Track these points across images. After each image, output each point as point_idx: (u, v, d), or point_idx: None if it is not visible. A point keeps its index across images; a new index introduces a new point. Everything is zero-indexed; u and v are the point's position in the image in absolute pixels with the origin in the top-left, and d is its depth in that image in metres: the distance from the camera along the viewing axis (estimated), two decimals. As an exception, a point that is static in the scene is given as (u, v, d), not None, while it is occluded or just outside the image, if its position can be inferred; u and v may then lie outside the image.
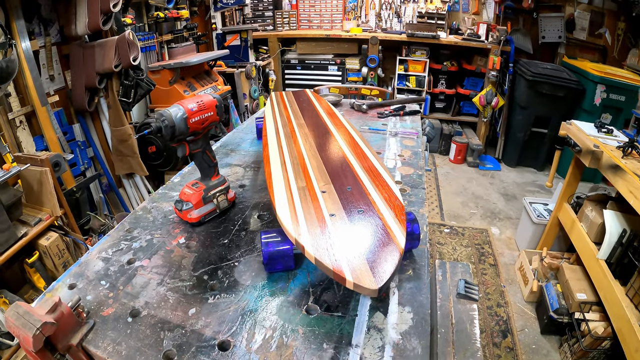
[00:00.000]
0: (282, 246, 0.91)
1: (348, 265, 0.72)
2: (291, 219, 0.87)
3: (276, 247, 0.90)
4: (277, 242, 0.91)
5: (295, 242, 0.81)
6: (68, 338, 0.76)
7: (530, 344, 2.47)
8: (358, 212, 0.88)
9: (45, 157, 2.13)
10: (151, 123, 0.99)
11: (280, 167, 1.10)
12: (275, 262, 0.92)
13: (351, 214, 0.88)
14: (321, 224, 0.85)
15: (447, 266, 0.90)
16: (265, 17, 5.88)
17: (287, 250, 0.90)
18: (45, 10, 2.64)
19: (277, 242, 0.91)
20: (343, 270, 0.71)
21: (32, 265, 2.08)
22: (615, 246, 2.16)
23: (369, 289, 0.67)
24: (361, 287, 0.68)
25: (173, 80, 3.52)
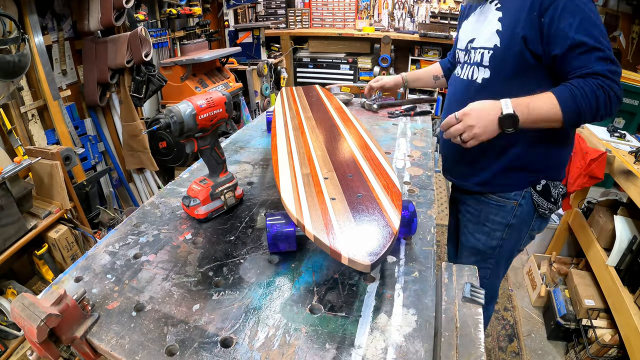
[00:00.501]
0: (286, 228, 0.94)
1: (344, 243, 0.76)
2: (294, 201, 0.92)
3: (280, 228, 0.94)
4: (282, 224, 0.95)
5: (297, 222, 0.86)
6: (72, 330, 0.76)
7: (536, 349, 2.45)
8: (357, 197, 0.93)
9: (56, 151, 2.15)
10: (160, 119, 0.99)
11: (286, 156, 1.15)
12: (279, 242, 0.95)
13: (351, 198, 0.93)
14: (322, 206, 0.90)
15: (453, 269, 0.89)
16: (278, 15, 5.89)
17: (290, 232, 0.94)
18: (59, 5, 2.66)
19: (281, 224, 0.95)
20: (339, 248, 0.75)
21: (41, 257, 2.10)
22: (625, 253, 2.13)
23: (362, 265, 0.72)
24: (355, 263, 0.73)
25: (185, 77, 3.54)
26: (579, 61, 1.17)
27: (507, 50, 1.29)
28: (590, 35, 1.15)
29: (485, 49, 1.35)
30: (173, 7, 3.64)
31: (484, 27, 1.37)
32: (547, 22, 1.19)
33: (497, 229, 1.52)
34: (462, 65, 1.51)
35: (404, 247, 1.00)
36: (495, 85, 1.36)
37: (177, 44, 3.86)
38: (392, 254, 0.98)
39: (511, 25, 1.27)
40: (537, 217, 1.49)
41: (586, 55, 1.16)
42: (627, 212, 2.30)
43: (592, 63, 1.15)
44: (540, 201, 1.44)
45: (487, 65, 1.36)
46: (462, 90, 1.48)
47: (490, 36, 1.33)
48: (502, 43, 1.30)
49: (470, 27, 1.48)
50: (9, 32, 2.14)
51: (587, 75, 1.16)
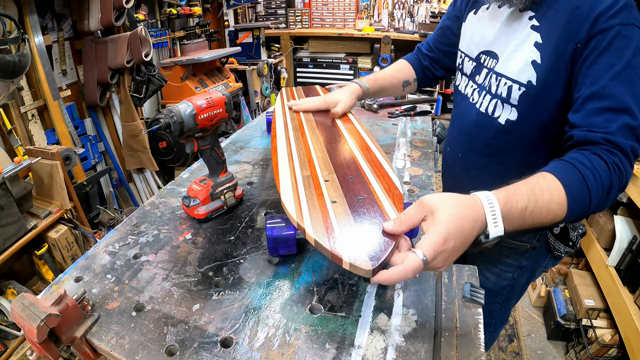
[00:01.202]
0: (286, 231, 0.93)
1: (346, 247, 0.74)
2: (294, 204, 0.89)
3: (280, 232, 0.93)
4: (281, 227, 0.94)
5: (298, 225, 0.83)
6: (72, 330, 0.76)
7: (536, 349, 2.45)
8: (358, 200, 0.90)
9: (56, 151, 2.15)
10: (160, 119, 0.99)
11: (286, 157, 1.13)
12: (279, 246, 0.94)
13: (352, 201, 0.90)
14: (322, 209, 0.87)
15: (453, 269, 0.89)
16: (278, 15, 5.89)
17: (290, 235, 0.93)
18: (59, 5, 2.66)
19: (281, 227, 0.94)
20: (340, 252, 0.73)
21: (41, 257, 2.10)
22: (625, 253, 2.13)
23: (363, 270, 0.70)
24: (357, 268, 0.70)
25: (185, 77, 3.54)
26: (599, 119, 0.88)
27: (546, 93, 1.01)
28: (631, 91, 0.87)
29: (515, 82, 1.06)
30: (173, 7, 3.64)
31: (513, 48, 1.07)
32: (583, 56, 0.92)
33: (508, 271, 1.35)
34: (473, 85, 1.24)
35: (404, 247, 1.00)
36: (524, 131, 1.10)
37: (177, 44, 3.86)
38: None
39: (554, 58, 0.97)
40: (552, 257, 1.31)
41: (612, 115, 0.87)
42: (627, 212, 2.30)
43: (616, 130, 0.86)
44: (556, 244, 1.24)
45: (515, 104, 1.08)
46: (477, 126, 1.21)
47: (523, 67, 1.03)
48: (540, 81, 1.01)
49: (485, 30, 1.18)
50: (9, 32, 2.14)
51: (606, 143, 0.86)
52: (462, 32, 1.31)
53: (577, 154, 0.87)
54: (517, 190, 0.78)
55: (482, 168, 1.24)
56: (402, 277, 0.68)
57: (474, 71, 1.23)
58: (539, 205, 0.78)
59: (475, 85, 1.22)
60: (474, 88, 1.23)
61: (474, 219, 0.72)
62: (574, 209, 0.82)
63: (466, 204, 0.73)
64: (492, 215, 0.73)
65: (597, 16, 0.89)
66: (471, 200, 0.74)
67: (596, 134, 0.87)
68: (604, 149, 0.86)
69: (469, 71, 1.26)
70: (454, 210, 0.70)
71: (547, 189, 0.80)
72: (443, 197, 0.73)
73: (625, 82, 0.87)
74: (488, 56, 1.16)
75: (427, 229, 0.71)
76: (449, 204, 0.71)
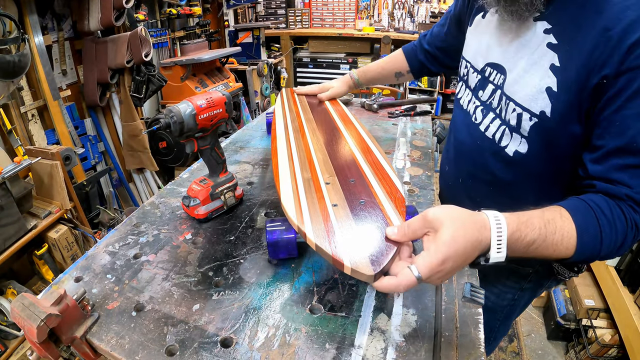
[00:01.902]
0: (286, 235, 0.92)
1: (347, 252, 0.73)
2: (295, 207, 0.88)
3: (280, 235, 0.92)
4: (282, 230, 0.92)
5: (298, 229, 0.83)
6: (72, 330, 0.76)
7: (536, 349, 2.45)
8: (360, 203, 0.89)
9: (56, 151, 2.15)
10: (160, 119, 0.99)
11: (287, 159, 1.11)
12: (279, 249, 0.93)
13: (353, 204, 0.89)
14: (323, 213, 0.86)
15: (453, 269, 0.89)
16: (278, 14, 5.89)
17: (290, 238, 0.92)
18: (59, 5, 2.66)
19: (281, 230, 0.92)
20: (342, 257, 0.72)
21: (41, 257, 2.10)
22: (625, 253, 2.13)
23: (365, 275, 0.68)
24: (358, 273, 0.69)
25: (185, 77, 3.54)
26: (624, 175, 0.78)
27: (561, 127, 0.87)
28: None
29: (525, 110, 0.92)
30: (173, 7, 3.64)
31: (525, 67, 0.92)
32: (610, 94, 0.78)
33: (508, 292, 1.28)
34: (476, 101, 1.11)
35: (404, 247, 1.00)
36: (535, 165, 0.98)
37: (177, 44, 3.86)
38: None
39: (574, 89, 0.83)
40: (555, 280, 1.22)
41: (638, 172, 0.78)
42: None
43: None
44: (560, 270, 1.14)
45: (525, 136, 0.95)
46: (480, 152, 1.09)
47: (536, 94, 0.89)
48: (555, 113, 0.87)
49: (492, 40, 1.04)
50: (9, 32, 2.14)
51: (630, 200, 0.78)
52: (467, 38, 1.18)
53: (601, 200, 0.80)
54: (530, 222, 0.73)
55: (487, 197, 1.14)
56: (394, 289, 0.67)
57: (478, 85, 1.09)
58: (546, 243, 0.74)
59: (479, 102, 1.09)
60: (476, 105, 1.10)
61: (478, 240, 0.67)
62: (581, 255, 0.77)
63: (473, 224, 0.68)
64: (497, 241, 0.68)
65: (630, 47, 0.74)
66: (478, 221, 0.69)
67: (620, 188, 0.79)
68: (628, 204, 0.78)
69: (473, 84, 1.12)
70: (458, 231, 0.66)
71: (560, 229, 0.75)
72: (449, 213, 0.68)
73: None
74: (495, 70, 1.02)
75: (427, 246, 0.68)
76: (454, 223, 0.66)
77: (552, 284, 1.26)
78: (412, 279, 0.65)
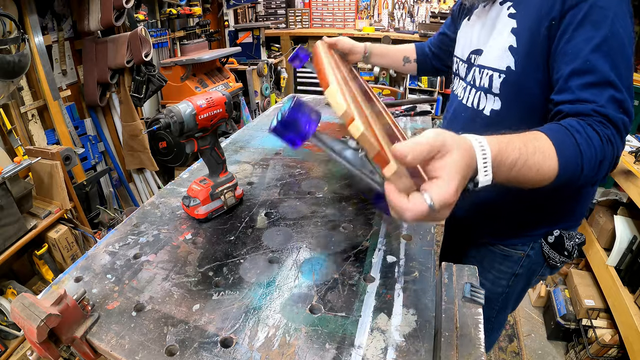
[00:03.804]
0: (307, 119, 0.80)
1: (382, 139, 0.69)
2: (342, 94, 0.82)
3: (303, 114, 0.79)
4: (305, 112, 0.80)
5: (345, 112, 0.73)
6: (72, 330, 0.76)
7: (536, 349, 2.45)
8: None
9: (56, 151, 2.15)
10: (160, 119, 0.99)
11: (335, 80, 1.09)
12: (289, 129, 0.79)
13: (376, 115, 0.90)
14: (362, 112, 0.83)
15: (453, 269, 0.89)
16: (278, 15, 5.89)
17: (310, 122, 0.80)
18: (59, 5, 2.66)
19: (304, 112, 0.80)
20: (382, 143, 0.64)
21: (41, 257, 2.10)
22: (625, 253, 2.13)
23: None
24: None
25: (185, 77, 3.54)
26: (586, 93, 0.85)
27: (525, 76, 0.98)
28: (613, 63, 0.84)
29: (494, 70, 1.04)
30: (173, 7, 3.64)
31: (493, 38, 1.06)
32: (559, 33, 0.89)
33: (502, 278, 1.32)
34: (463, 84, 1.22)
35: (404, 247, 1.00)
36: (510, 119, 1.05)
37: (177, 44, 3.86)
38: (392, 254, 0.98)
39: (530, 40, 0.95)
40: (547, 266, 1.26)
41: (598, 90, 0.84)
42: (627, 212, 2.30)
43: (605, 103, 0.83)
44: (551, 253, 1.20)
45: (497, 93, 1.05)
46: (467, 121, 1.18)
47: (502, 54, 1.01)
48: (518, 65, 0.98)
49: (474, 32, 1.17)
50: (9, 32, 2.14)
51: (597, 115, 0.83)
52: (457, 40, 1.30)
53: (572, 121, 0.83)
54: (510, 143, 0.72)
55: None
56: (399, 209, 0.61)
57: (466, 72, 1.21)
58: (529, 163, 0.74)
59: (465, 83, 1.21)
60: (463, 87, 1.21)
61: (470, 166, 0.64)
62: (565, 173, 0.78)
63: (464, 148, 0.64)
64: (483, 164, 0.67)
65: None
66: (464, 144, 0.65)
67: (586, 105, 0.84)
68: (597, 120, 0.82)
69: (463, 73, 1.24)
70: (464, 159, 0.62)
71: (539, 148, 0.76)
72: (452, 136, 0.64)
73: (605, 55, 0.84)
74: (475, 54, 1.15)
75: (437, 172, 0.61)
76: (460, 148, 0.63)
77: (546, 271, 1.29)
78: (424, 207, 0.59)
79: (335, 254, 0.99)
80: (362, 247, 1.01)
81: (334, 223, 1.11)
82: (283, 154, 1.54)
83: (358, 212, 1.16)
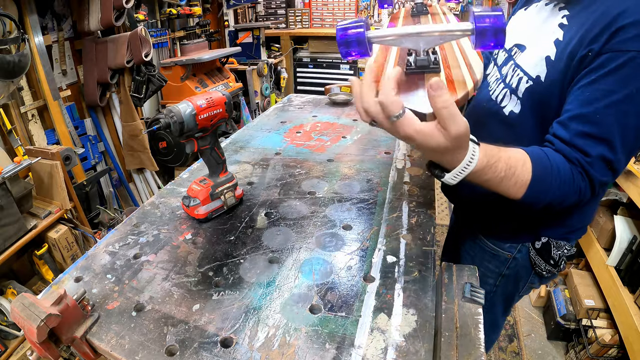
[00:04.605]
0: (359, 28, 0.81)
1: None
2: None
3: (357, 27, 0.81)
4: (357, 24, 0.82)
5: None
6: (72, 330, 0.76)
7: (536, 349, 2.45)
8: None
9: (56, 151, 2.15)
10: (160, 119, 0.99)
11: None
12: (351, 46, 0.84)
13: None
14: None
15: (453, 269, 0.89)
16: (278, 15, 5.89)
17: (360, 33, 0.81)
18: (59, 5, 2.66)
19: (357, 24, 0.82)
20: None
21: (41, 257, 2.10)
22: (625, 253, 2.13)
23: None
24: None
25: (185, 77, 3.54)
26: (581, 142, 0.87)
27: (550, 91, 0.96)
28: (623, 123, 0.85)
29: (525, 74, 1.01)
30: (173, 7, 3.64)
31: (538, 39, 1.02)
32: (587, 69, 0.87)
33: (489, 276, 1.33)
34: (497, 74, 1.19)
35: (404, 247, 1.00)
36: (524, 125, 1.05)
37: (177, 44, 3.86)
38: (392, 254, 0.98)
39: (567, 60, 0.91)
40: (535, 274, 1.26)
41: (593, 143, 0.86)
42: (627, 212, 2.30)
43: (594, 159, 0.87)
44: (537, 260, 1.20)
45: (520, 97, 1.04)
46: (485, 113, 1.18)
47: (538, 61, 0.98)
48: (547, 78, 0.96)
49: (524, 24, 1.13)
50: (9, 32, 2.14)
51: (579, 166, 0.88)
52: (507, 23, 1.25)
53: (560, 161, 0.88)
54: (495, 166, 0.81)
55: None
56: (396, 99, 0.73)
57: (504, 62, 1.17)
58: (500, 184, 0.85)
59: (499, 74, 1.18)
60: (496, 77, 1.19)
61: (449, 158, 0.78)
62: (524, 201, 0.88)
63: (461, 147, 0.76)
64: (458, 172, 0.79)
65: (617, 30, 0.82)
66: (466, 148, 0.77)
67: (575, 153, 0.87)
68: (578, 170, 0.88)
69: (500, 61, 1.20)
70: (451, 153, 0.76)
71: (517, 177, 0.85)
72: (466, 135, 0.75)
73: (618, 114, 0.84)
74: (518, 48, 1.11)
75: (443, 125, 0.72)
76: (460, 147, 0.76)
77: (534, 279, 1.29)
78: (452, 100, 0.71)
79: (335, 254, 0.99)
80: (362, 247, 1.01)
81: (333, 223, 1.11)
82: (283, 154, 1.54)
83: (358, 212, 1.16)
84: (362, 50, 0.82)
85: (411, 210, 1.16)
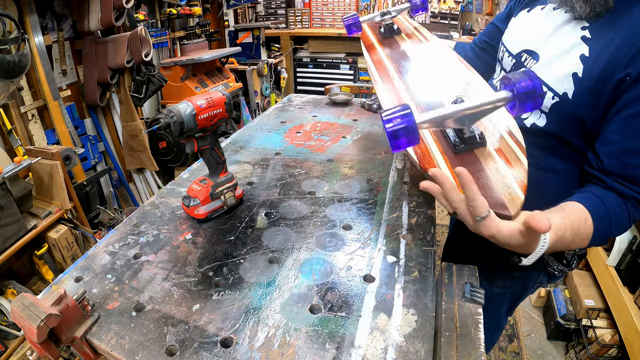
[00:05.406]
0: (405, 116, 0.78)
1: None
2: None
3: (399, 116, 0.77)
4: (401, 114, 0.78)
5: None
6: (72, 330, 0.76)
7: (536, 349, 2.45)
8: None
9: (56, 151, 2.15)
10: (160, 119, 0.99)
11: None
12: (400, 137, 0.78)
13: None
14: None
15: (453, 269, 0.89)
16: (278, 14, 5.88)
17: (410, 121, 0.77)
18: (59, 5, 2.66)
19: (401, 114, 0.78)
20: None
21: (41, 258, 2.10)
22: (625, 253, 2.13)
23: None
24: None
25: (185, 77, 3.54)
26: (629, 170, 0.88)
27: (578, 108, 0.94)
28: None
29: (550, 90, 0.98)
30: (173, 7, 3.64)
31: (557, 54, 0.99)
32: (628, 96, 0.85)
33: (499, 278, 1.32)
34: None
35: (404, 247, 1.00)
36: (547, 138, 1.04)
37: (177, 44, 3.86)
38: (392, 254, 0.98)
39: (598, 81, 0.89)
40: (546, 274, 1.26)
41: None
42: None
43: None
44: (550, 260, 1.20)
45: (546, 112, 1.02)
46: None
47: (563, 78, 0.95)
48: (576, 96, 0.94)
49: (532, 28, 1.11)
50: (9, 32, 2.14)
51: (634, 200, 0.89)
52: (508, 26, 1.23)
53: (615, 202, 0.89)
54: (563, 237, 0.80)
55: None
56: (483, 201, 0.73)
57: (513, 69, 1.15)
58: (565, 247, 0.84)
59: None
60: None
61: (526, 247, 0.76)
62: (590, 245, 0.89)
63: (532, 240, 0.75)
64: (532, 257, 0.76)
65: None
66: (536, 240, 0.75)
67: (629, 190, 0.88)
68: (633, 203, 0.89)
69: (508, 67, 1.18)
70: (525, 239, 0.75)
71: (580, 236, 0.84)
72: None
73: None
74: (529, 56, 1.08)
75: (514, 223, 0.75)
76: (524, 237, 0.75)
77: (544, 279, 1.28)
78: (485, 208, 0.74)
79: (335, 254, 0.99)
80: (363, 246, 1.01)
81: (333, 223, 1.11)
82: (283, 154, 1.54)
83: (358, 212, 1.16)
84: (413, 139, 0.78)
85: (411, 210, 1.16)
